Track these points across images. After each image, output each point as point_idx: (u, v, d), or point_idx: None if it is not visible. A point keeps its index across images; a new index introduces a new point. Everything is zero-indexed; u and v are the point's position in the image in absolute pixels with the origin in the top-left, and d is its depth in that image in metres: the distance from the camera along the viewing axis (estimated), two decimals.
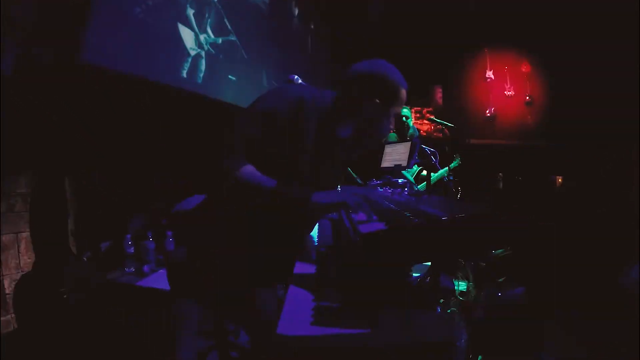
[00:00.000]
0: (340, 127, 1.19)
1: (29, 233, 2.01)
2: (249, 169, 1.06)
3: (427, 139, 5.58)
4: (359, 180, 3.04)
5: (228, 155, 1.06)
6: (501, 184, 4.94)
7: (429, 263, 1.00)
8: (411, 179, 2.50)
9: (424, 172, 3.19)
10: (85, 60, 1.97)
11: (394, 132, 3.65)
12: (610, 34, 4.42)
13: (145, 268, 2.22)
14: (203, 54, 2.93)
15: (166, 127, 2.58)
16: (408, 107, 3.76)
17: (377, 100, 1.14)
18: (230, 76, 3.25)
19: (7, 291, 1.90)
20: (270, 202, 1.05)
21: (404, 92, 1.18)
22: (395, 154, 2.26)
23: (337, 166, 1.37)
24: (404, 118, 3.63)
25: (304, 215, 1.16)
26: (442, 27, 5.33)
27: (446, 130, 2.99)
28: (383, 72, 1.16)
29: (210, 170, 1.14)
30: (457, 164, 3.08)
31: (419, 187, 2.98)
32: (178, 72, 2.67)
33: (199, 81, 2.88)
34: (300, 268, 1.02)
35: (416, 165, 3.13)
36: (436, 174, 3.10)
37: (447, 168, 3.29)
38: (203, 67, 2.91)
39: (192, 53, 2.82)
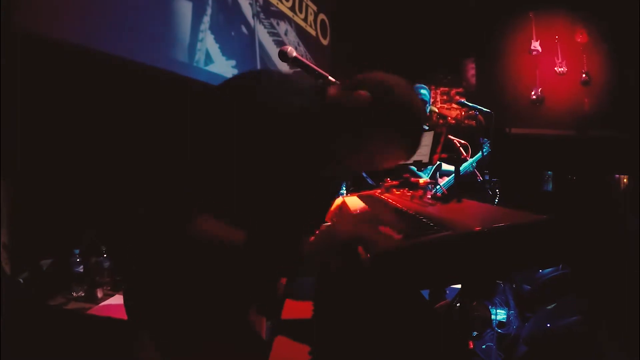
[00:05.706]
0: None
1: None
2: (205, 218, 0.93)
3: (457, 127, 5.59)
4: (369, 180, 3.05)
5: (180, 199, 0.92)
6: (551, 185, 4.94)
7: (459, 286, 0.99)
8: (426, 177, 2.48)
9: (444, 168, 3.16)
10: (20, 27, 1.96)
11: None
12: None
13: (98, 292, 2.22)
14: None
15: (126, 113, 2.57)
16: (426, 88, 3.62)
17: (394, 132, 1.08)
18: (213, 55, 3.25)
19: None
20: (238, 263, 0.92)
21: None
22: None
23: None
24: None
25: (292, 268, 1.06)
26: None
27: (480, 117, 2.97)
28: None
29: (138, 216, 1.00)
30: (482, 155, 3.04)
31: (442, 185, 2.97)
32: (145, 45, 2.67)
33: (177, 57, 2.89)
34: (295, 294, 1.01)
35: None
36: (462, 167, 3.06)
37: (471, 160, 3.26)
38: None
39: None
